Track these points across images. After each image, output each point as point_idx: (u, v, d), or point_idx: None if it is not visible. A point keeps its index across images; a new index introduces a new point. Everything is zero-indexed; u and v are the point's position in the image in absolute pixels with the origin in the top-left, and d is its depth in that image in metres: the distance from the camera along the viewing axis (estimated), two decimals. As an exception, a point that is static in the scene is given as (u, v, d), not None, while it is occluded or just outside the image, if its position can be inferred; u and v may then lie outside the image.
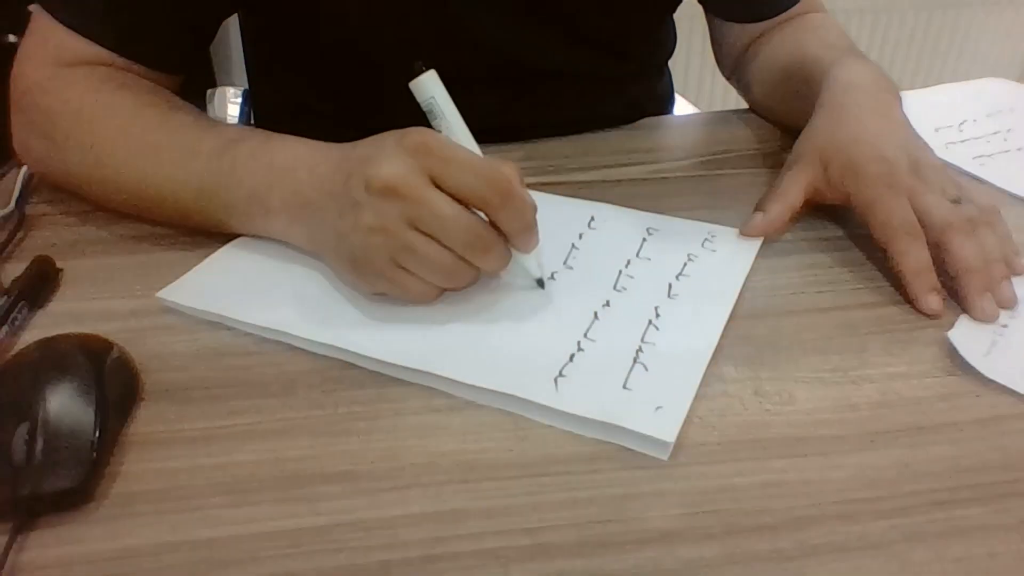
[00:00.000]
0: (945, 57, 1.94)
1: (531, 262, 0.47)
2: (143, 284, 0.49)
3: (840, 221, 0.57)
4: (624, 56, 0.73)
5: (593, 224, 0.55)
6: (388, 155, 0.42)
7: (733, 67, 0.78)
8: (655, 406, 0.40)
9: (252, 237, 0.52)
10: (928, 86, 0.81)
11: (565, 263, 0.51)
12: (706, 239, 0.54)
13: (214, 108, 1.06)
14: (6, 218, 0.55)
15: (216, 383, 0.42)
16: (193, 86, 0.62)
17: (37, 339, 0.42)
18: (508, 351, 0.43)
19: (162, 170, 0.51)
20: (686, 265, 0.51)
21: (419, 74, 0.45)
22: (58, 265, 0.51)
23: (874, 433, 0.40)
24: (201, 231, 0.53)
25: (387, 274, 0.44)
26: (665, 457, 0.38)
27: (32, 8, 0.56)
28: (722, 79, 0.80)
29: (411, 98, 0.46)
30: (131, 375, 0.42)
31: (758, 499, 0.36)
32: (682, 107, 1.05)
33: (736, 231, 0.54)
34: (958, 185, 0.52)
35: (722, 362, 0.44)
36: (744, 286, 0.49)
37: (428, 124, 0.45)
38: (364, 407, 0.41)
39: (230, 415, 0.40)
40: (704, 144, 0.70)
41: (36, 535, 0.35)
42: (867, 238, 0.52)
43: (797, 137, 0.58)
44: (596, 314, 0.46)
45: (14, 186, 0.58)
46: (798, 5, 0.72)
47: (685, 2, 0.73)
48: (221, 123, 0.54)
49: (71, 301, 0.49)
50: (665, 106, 0.85)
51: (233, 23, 0.72)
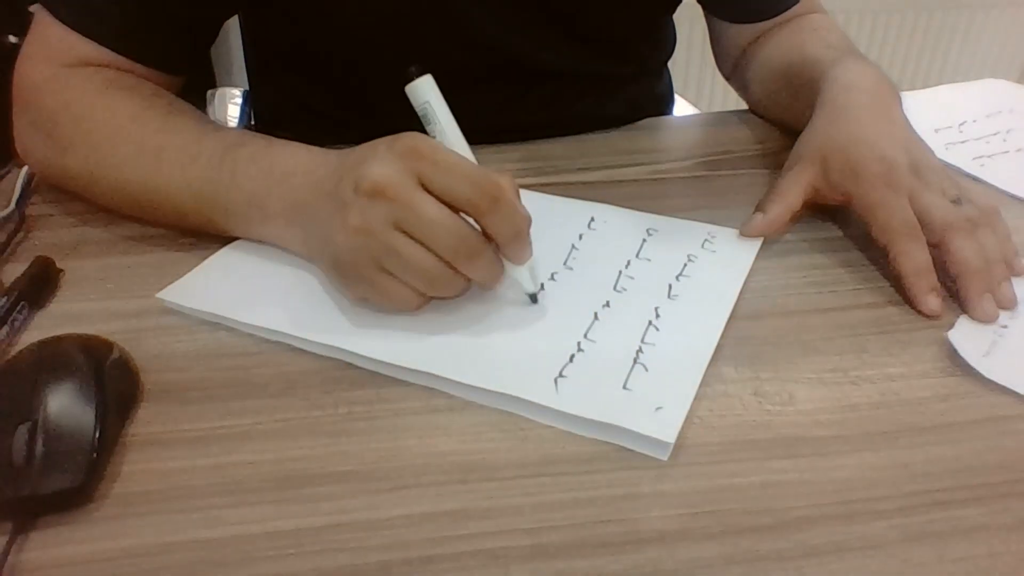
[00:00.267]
0: (945, 58, 1.94)
1: (523, 275, 0.46)
2: (143, 285, 0.49)
3: (840, 222, 0.57)
4: (624, 56, 0.73)
5: (593, 225, 0.55)
6: (378, 158, 0.42)
7: (733, 67, 0.78)
8: (655, 406, 0.40)
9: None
10: (928, 87, 0.81)
11: (565, 264, 0.51)
12: (706, 240, 0.54)
13: (214, 109, 1.06)
14: (7, 219, 0.55)
15: (216, 384, 0.42)
16: (193, 87, 0.62)
17: (37, 340, 0.42)
18: (508, 351, 0.43)
19: (162, 173, 0.51)
20: (686, 266, 0.51)
21: (414, 78, 0.44)
22: (58, 266, 0.51)
23: (874, 433, 0.40)
24: (201, 233, 0.53)
25: (370, 277, 0.43)
26: (665, 457, 0.38)
27: (34, 8, 0.56)
28: (722, 80, 0.81)
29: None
30: (131, 376, 0.42)
31: (758, 499, 0.36)
32: (682, 108, 1.05)
33: (736, 232, 0.54)
34: (958, 186, 0.52)
35: (722, 362, 0.44)
36: (744, 287, 0.49)
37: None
38: (364, 407, 0.41)
39: (230, 415, 0.40)
40: (704, 145, 0.70)
41: (36, 535, 0.35)
42: (866, 239, 0.52)
43: (797, 138, 0.58)
44: (596, 315, 0.46)
45: (14, 187, 0.58)
46: (797, 6, 0.72)
47: (685, 3, 0.73)
48: (221, 126, 0.54)
49: (71, 302, 0.49)
50: (665, 107, 0.85)
51: (233, 24, 0.72)
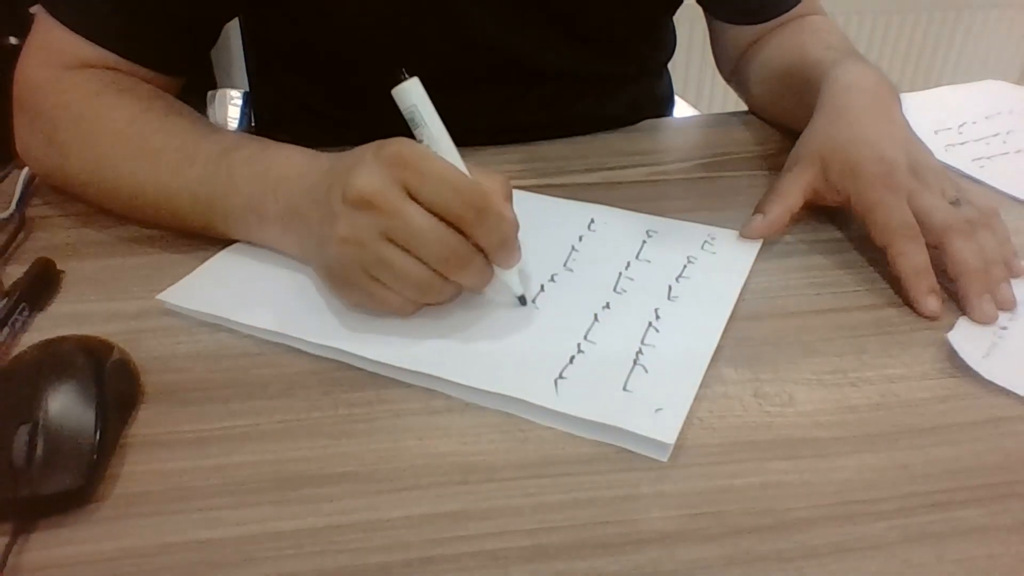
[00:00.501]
0: (945, 59, 1.94)
1: (512, 278, 0.46)
2: (144, 286, 0.49)
3: (839, 223, 0.57)
4: (624, 56, 0.73)
5: (593, 226, 0.55)
6: (365, 166, 0.41)
7: (733, 69, 0.78)
8: (655, 408, 0.40)
9: (251, 240, 0.52)
10: (928, 88, 0.81)
11: (565, 265, 0.51)
12: (706, 241, 0.54)
13: (214, 110, 1.06)
14: (7, 220, 0.55)
15: (216, 385, 0.42)
16: (193, 88, 0.62)
17: (38, 341, 0.42)
18: (508, 353, 0.44)
19: (159, 175, 0.51)
20: (686, 267, 0.51)
21: (402, 81, 0.43)
22: (59, 267, 0.51)
23: (873, 435, 0.40)
24: (200, 235, 0.53)
25: (362, 286, 0.43)
26: (665, 458, 0.38)
27: (35, 9, 0.56)
28: (722, 81, 0.81)
29: None
30: (132, 377, 0.42)
31: (758, 500, 0.36)
32: (682, 109, 1.05)
33: (736, 233, 0.54)
34: (957, 187, 0.52)
35: (722, 364, 0.44)
36: (744, 288, 0.49)
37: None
38: (364, 409, 0.41)
39: (230, 417, 0.40)
40: (704, 146, 0.70)
41: (37, 536, 0.35)
42: (866, 240, 0.52)
43: (796, 139, 0.58)
44: (596, 316, 0.46)
45: (15, 188, 0.58)
46: (797, 7, 0.72)
47: (685, 4, 0.73)
48: (220, 129, 0.54)
49: (72, 303, 0.49)
50: (665, 108, 0.85)
51: (233, 25, 0.72)
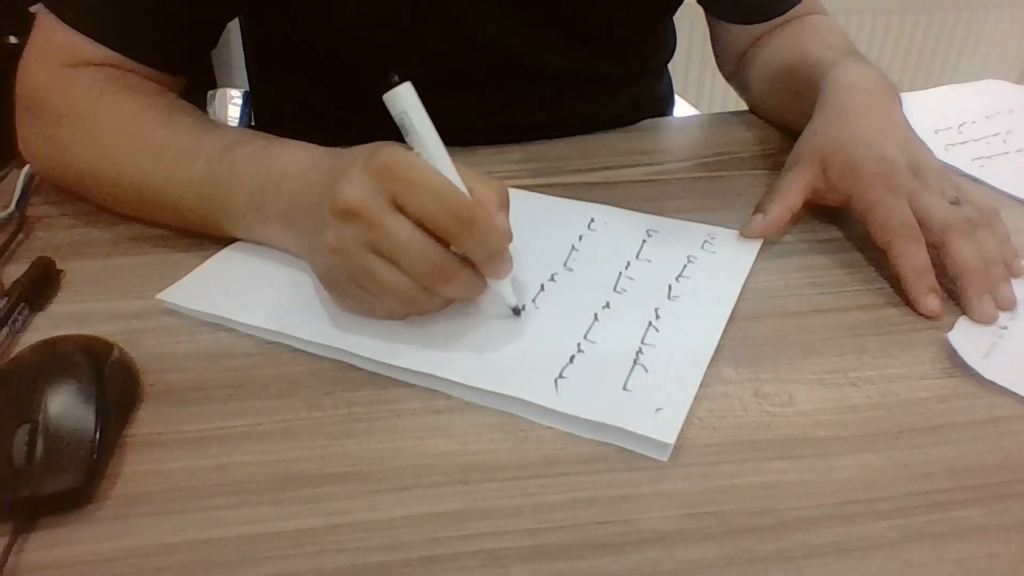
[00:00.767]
0: (945, 59, 1.94)
1: (505, 289, 0.45)
2: (144, 286, 0.49)
3: (840, 223, 0.57)
4: (624, 56, 0.73)
5: (593, 226, 0.55)
6: (353, 175, 0.41)
7: (733, 68, 0.78)
8: (655, 407, 0.40)
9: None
10: (928, 87, 0.81)
11: (565, 265, 0.51)
12: (706, 240, 0.54)
13: (215, 109, 1.06)
14: (7, 220, 0.55)
15: (216, 384, 0.42)
16: (194, 87, 0.62)
17: (38, 341, 0.42)
18: (508, 353, 0.44)
19: (162, 172, 0.51)
20: (686, 267, 0.51)
21: (393, 86, 0.41)
22: (59, 267, 0.51)
23: (873, 434, 0.40)
24: (201, 233, 0.53)
25: (350, 294, 0.43)
26: (665, 458, 0.38)
27: (37, 9, 0.56)
28: (722, 81, 0.81)
29: None
30: (131, 376, 0.42)
31: (758, 500, 0.36)
32: (682, 109, 1.05)
33: (736, 232, 0.54)
34: (957, 187, 0.52)
35: (722, 363, 0.44)
36: (744, 287, 0.49)
37: (437, 126, 0.45)
38: (364, 408, 0.41)
39: (230, 416, 0.40)
40: (704, 146, 0.70)
41: (37, 536, 0.35)
42: (866, 240, 0.52)
43: (796, 138, 0.58)
44: (596, 316, 0.46)
45: (15, 187, 0.58)
46: (798, 7, 0.72)
47: (685, 4, 0.73)
48: (223, 125, 0.54)
49: (72, 303, 0.49)
50: (665, 108, 0.85)
51: (233, 24, 0.72)
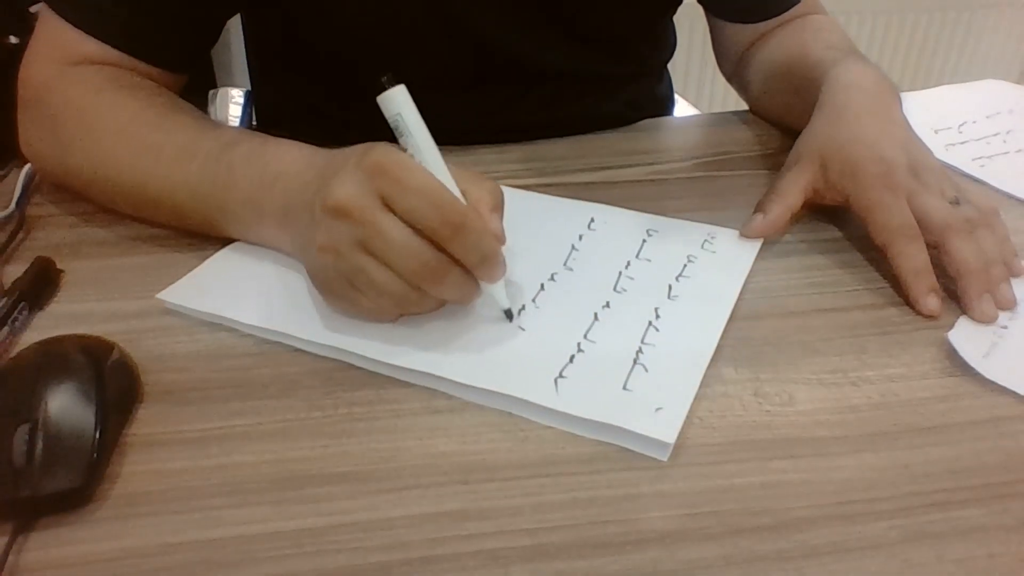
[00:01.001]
0: (945, 59, 1.94)
1: (499, 292, 0.44)
2: (143, 285, 0.49)
3: (839, 223, 0.57)
4: (624, 56, 0.73)
5: (593, 225, 0.55)
6: (346, 174, 0.41)
7: (734, 68, 0.78)
8: (655, 407, 0.40)
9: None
10: (928, 87, 0.81)
11: (565, 264, 0.51)
12: (706, 240, 0.54)
13: (216, 109, 1.06)
14: (7, 219, 0.55)
15: (216, 384, 0.42)
16: (194, 87, 0.62)
17: (38, 340, 0.42)
18: (508, 352, 0.43)
19: (160, 171, 0.51)
20: (686, 266, 0.51)
21: (386, 88, 0.41)
22: (59, 266, 0.51)
23: (873, 434, 0.40)
24: (200, 233, 0.53)
25: (341, 293, 0.43)
26: (665, 458, 0.38)
27: (40, 7, 0.56)
28: (722, 80, 0.81)
29: (415, 100, 0.45)
30: (131, 376, 0.42)
31: (758, 500, 0.36)
32: (682, 108, 1.05)
33: (736, 232, 0.54)
34: (957, 187, 0.52)
35: (722, 363, 0.44)
36: (744, 287, 0.49)
37: (438, 125, 0.44)
38: (364, 408, 0.41)
39: (230, 416, 0.40)
40: (704, 145, 0.70)
41: (36, 536, 0.35)
42: (866, 240, 0.52)
43: (797, 138, 0.58)
44: (596, 315, 0.46)
45: (15, 187, 0.58)
46: (799, 6, 0.72)
47: (685, 4, 0.73)
48: (221, 125, 0.54)
49: (72, 302, 0.49)
50: (665, 108, 0.85)
51: (233, 24, 0.72)
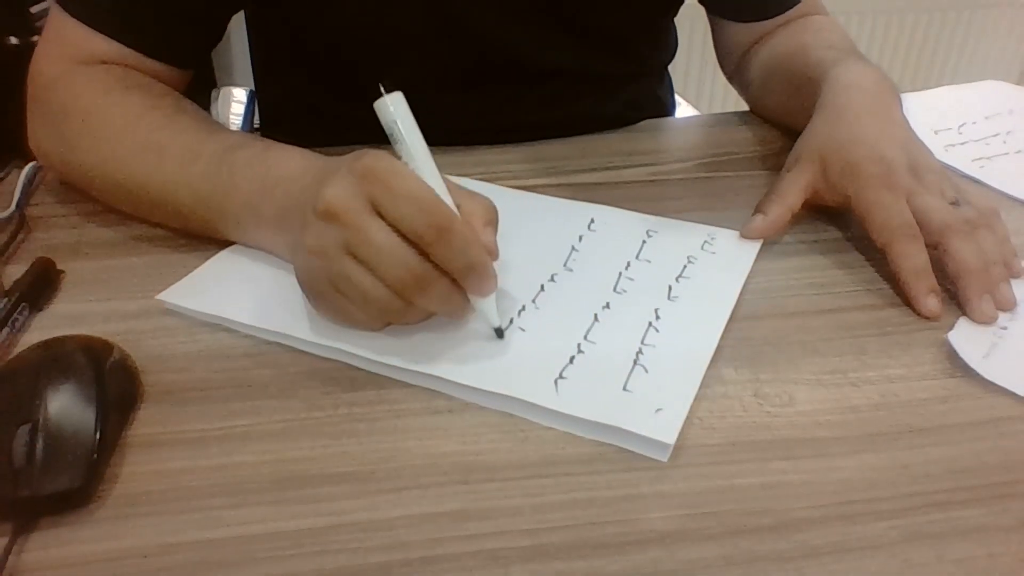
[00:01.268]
0: (945, 59, 1.94)
1: (488, 307, 0.43)
2: (144, 286, 0.49)
3: (839, 223, 0.57)
4: (624, 55, 0.73)
5: (593, 226, 0.55)
6: (337, 178, 0.40)
7: (735, 67, 0.78)
8: (655, 408, 0.40)
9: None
10: (928, 88, 0.81)
11: (565, 265, 0.51)
12: (706, 241, 0.54)
13: (218, 108, 1.07)
14: (7, 220, 0.55)
15: (216, 385, 0.42)
16: (194, 87, 0.63)
17: (38, 341, 0.42)
18: (508, 353, 0.43)
19: (163, 171, 0.51)
20: (686, 267, 0.51)
21: (384, 95, 0.41)
22: (59, 267, 0.51)
23: (873, 435, 0.40)
24: (200, 235, 0.53)
25: (328, 298, 0.43)
26: (665, 459, 0.38)
27: (50, 4, 0.57)
28: (722, 81, 0.81)
29: (415, 99, 0.45)
30: (131, 377, 0.42)
31: (758, 500, 0.36)
32: (682, 109, 1.05)
33: (736, 233, 0.54)
34: (957, 187, 0.52)
35: (722, 364, 0.44)
36: (744, 288, 0.49)
37: (438, 124, 0.44)
38: (364, 409, 0.41)
39: (230, 416, 0.40)
40: (704, 146, 0.70)
41: (36, 536, 0.35)
42: (866, 240, 0.52)
43: (797, 138, 0.58)
44: (596, 316, 0.46)
45: (15, 188, 0.58)
46: (800, 7, 0.72)
47: (686, 3, 0.73)
48: (225, 129, 0.54)
49: (72, 303, 0.49)
50: (665, 110, 0.85)
51: (234, 25, 0.72)
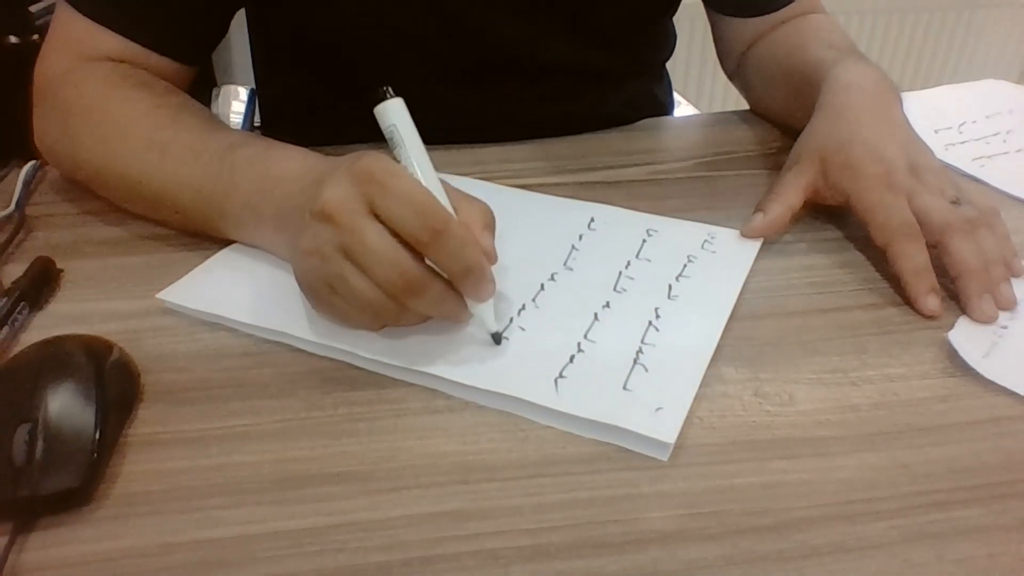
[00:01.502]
0: (945, 59, 1.94)
1: (486, 313, 0.43)
2: (144, 285, 0.49)
3: (840, 222, 0.57)
4: (623, 52, 0.73)
5: (593, 225, 0.55)
6: (335, 179, 0.41)
7: (735, 66, 0.78)
8: (655, 407, 0.40)
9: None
10: (928, 87, 0.81)
11: (565, 264, 0.51)
12: (706, 240, 0.54)
13: (218, 107, 1.07)
14: (7, 219, 0.55)
15: (216, 384, 0.42)
16: (194, 87, 0.63)
17: (38, 340, 0.42)
18: (508, 352, 0.43)
19: (165, 168, 0.51)
20: (686, 266, 0.51)
21: (385, 99, 0.41)
22: (59, 266, 0.51)
23: (874, 434, 0.40)
24: (201, 233, 0.53)
25: (325, 298, 0.43)
26: (665, 458, 0.38)
27: (54, 3, 0.57)
28: (722, 80, 0.81)
29: (415, 95, 0.45)
30: (131, 376, 0.42)
31: (758, 500, 0.36)
32: (682, 108, 1.05)
33: (736, 232, 0.54)
34: (957, 186, 0.52)
35: (722, 363, 0.44)
36: (744, 287, 0.49)
37: (438, 121, 0.44)
38: (364, 408, 0.41)
39: (230, 416, 0.40)
40: (704, 145, 0.70)
41: (36, 536, 0.35)
42: (866, 239, 0.52)
43: (797, 138, 0.58)
44: (596, 315, 0.46)
45: (15, 187, 0.58)
46: (798, 5, 0.72)
47: (687, 3, 0.73)
48: (228, 128, 0.54)
49: (72, 302, 0.49)
50: (664, 109, 0.85)
51: (236, 25, 0.72)
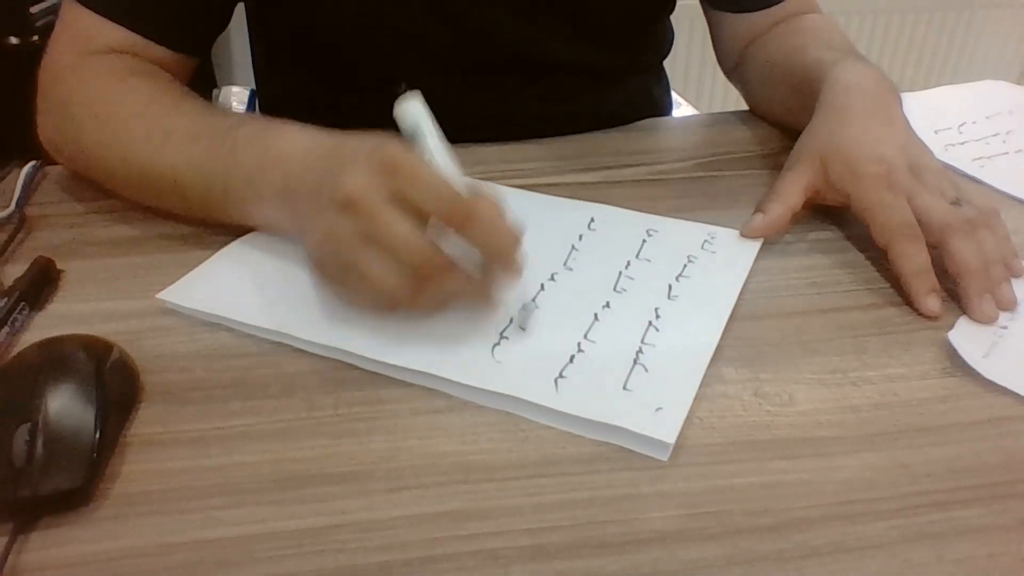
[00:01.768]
0: (945, 59, 1.94)
1: (512, 290, 0.44)
2: (143, 285, 0.49)
3: (840, 222, 0.57)
4: (623, 48, 0.73)
5: (593, 225, 0.55)
6: (357, 167, 0.41)
7: (733, 64, 0.78)
8: (655, 407, 0.40)
9: (251, 239, 0.52)
10: (928, 87, 0.81)
11: (565, 264, 0.51)
12: (706, 240, 0.54)
13: (218, 105, 1.07)
14: (7, 219, 0.55)
15: (216, 384, 0.42)
16: (194, 87, 0.63)
17: (38, 340, 0.42)
18: (508, 352, 0.43)
19: (168, 153, 0.52)
20: (686, 266, 0.51)
21: (402, 95, 0.42)
22: (59, 266, 0.51)
23: (873, 434, 0.40)
24: (202, 229, 0.53)
25: (339, 280, 0.44)
26: (665, 458, 0.38)
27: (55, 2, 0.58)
28: (722, 80, 0.80)
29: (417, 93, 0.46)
30: (131, 376, 0.42)
31: (758, 500, 0.36)
32: (682, 108, 1.05)
33: (736, 232, 0.54)
34: (957, 187, 0.52)
35: (722, 363, 0.44)
36: (744, 287, 0.49)
37: (437, 119, 0.45)
38: (364, 408, 0.41)
39: (230, 416, 0.40)
40: (704, 145, 0.70)
41: (36, 536, 0.35)
42: (866, 239, 0.52)
43: (797, 138, 0.58)
44: (596, 315, 0.46)
45: (15, 187, 0.58)
46: (796, 5, 0.72)
47: (685, 3, 0.73)
48: (228, 111, 0.55)
49: (72, 302, 0.49)
50: (663, 108, 0.85)
51: (236, 25, 0.72)
